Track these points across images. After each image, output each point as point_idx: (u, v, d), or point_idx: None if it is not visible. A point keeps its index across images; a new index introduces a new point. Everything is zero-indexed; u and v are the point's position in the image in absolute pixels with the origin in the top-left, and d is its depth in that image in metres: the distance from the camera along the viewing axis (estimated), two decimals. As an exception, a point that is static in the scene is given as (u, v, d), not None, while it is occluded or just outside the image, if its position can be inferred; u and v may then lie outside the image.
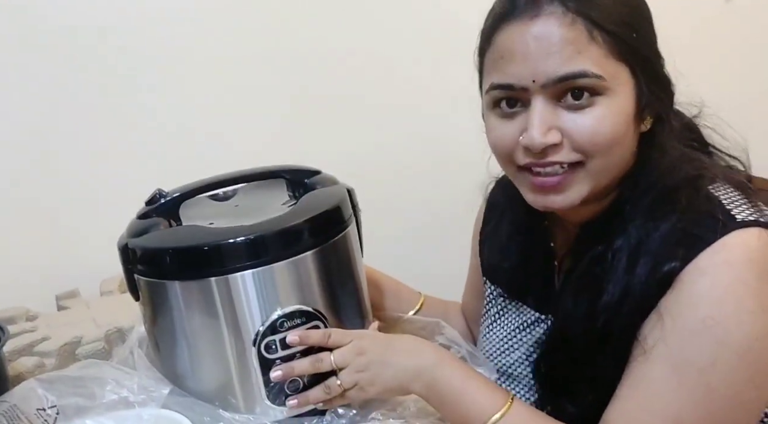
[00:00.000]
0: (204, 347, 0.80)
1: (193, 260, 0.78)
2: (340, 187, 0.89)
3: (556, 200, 0.75)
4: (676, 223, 0.71)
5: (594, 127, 0.71)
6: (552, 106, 0.72)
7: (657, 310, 0.70)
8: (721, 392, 0.68)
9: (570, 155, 0.73)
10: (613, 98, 0.71)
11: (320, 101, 1.38)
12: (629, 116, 0.73)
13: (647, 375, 0.70)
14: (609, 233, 0.76)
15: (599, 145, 0.72)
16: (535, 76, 0.71)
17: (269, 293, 0.78)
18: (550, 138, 0.72)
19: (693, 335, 0.68)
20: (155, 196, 0.87)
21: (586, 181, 0.74)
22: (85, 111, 1.24)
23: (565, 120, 0.72)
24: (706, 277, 0.68)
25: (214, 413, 0.79)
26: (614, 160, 0.74)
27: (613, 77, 0.71)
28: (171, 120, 1.29)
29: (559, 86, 0.71)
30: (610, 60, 0.70)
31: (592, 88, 0.70)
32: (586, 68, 0.69)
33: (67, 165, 1.25)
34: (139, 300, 0.84)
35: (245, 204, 0.91)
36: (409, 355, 0.79)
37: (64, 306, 1.14)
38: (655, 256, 0.71)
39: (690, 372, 0.68)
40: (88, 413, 0.80)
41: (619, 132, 0.72)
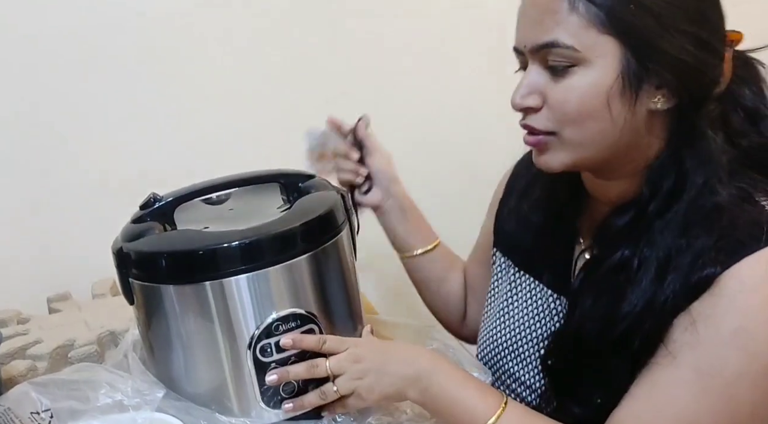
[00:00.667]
0: (199, 350, 0.80)
1: (187, 264, 0.78)
2: (334, 191, 0.90)
3: (542, 159, 0.77)
4: (714, 240, 0.69)
5: (564, 95, 0.72)
6: (542, 71, 0.73)
7: (689, 313, 0.69)
8: (743, 405, 0.68)
9: (544, 123, 0.74)
10: (590, 70, 0.71)
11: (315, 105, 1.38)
12: (608, 89, 0.70)
13: (668, 378, 0.70)
14: (637, 229, 0.74)
15: (567, 116, 0.72)
16: (525, 41, 0.74)
17: (264, 296, 0.78)
18: (527, 101, 0.74)
19: (723, 345, 0.67)
20: (150, 200, 0.87)
21: (563, 149, 0.75)
22: (78, 113, 1.23)
23: (547, 86, 0.73)
24: (746, 287, 0.67)
25: (209, 416, 0.79)
26: (590, 134, 0.73)
27: (591, 48, 0.70)
28: (165, 123, 1.29)
29: (540, 54, 0.72)
30: (590, 31, 0.70)
31: (566, 58, 0.71)
32: (558, 38, 0.70)
33: (60, 167, 1.24)
34: (134, 304, 0.84)
35: (240, 208, 0.91)
36: (405, 363, 0.79)
37: (55, 309, 1.14)
38: (685, 272, 0.69)
39: (715, 381, 0.67)
40: (82, 417, 0.80)
41: (589, 104, 0.71)
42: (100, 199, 1.25)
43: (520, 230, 0.93)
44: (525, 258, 0.92)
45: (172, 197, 0.89)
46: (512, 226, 0.95)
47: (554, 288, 0.87)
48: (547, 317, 0.87)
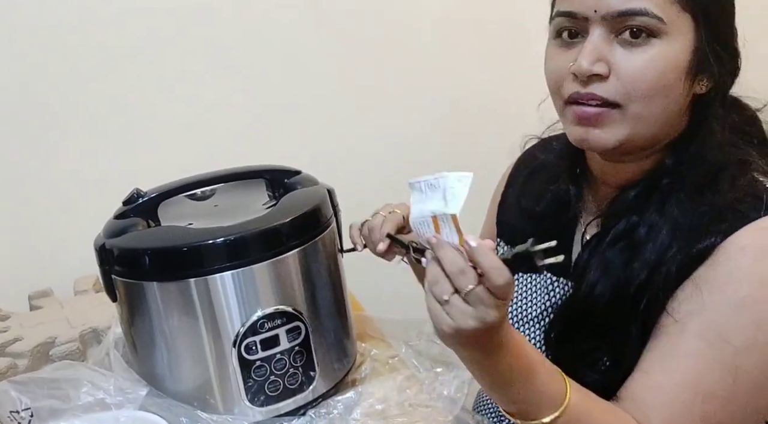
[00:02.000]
0: (183, 348, 0.79)
1: (172, 260, 0.77)
2: (321, 187, 0.89)
3: (594, 134, 0.74)
4: (716, 200, 0.72)
5: (642, 66, 0.71)
6: (608, 39, 0.72)
7: (692, 280, 0.70)
8: (753, 374, 0.68)
9: (610, 91, 0.72)
10: (669, 44, 0.71)
11: (301, 101, 1.38)
12: (681, 68, 0.72)
13: (680, 348, 0.70)
14: (647, 202, 0.76)
15: (642, 87, 0.71)
16: (598, 6, 0.71)
17: (249, 293, 0.78)
18: (596, 67, 0.72)
19: (732, 313, 0.68)
20: (133, 196, 0.86)
21: (623, 125, 0.73)
22: (60, 108, 1.22)
23: (618, 55, 0.71)
24: (747, 255, 0.68)
25: (192, 413, 0.79)
26: (655, 110, 0.73)
27: (674, 23, 0.71)
28: (149, 118, 1.27)
29: (618, 20, 0.71)
30: (674, 6, 0.70)
31: (650, 28, 0.70)
32: (648, 7, 0.70)
33: (41, 162, 1.22)
34: (116, 301, 0.83)
35: (225, 204, 0.91)
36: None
37: (36, 306, 1.12)
38: (694, 232, 0.71)
39: (725, 350, 0.68)
40: (62, 416, 0.79)
41: (665, 79, 0.71)
42: (82, 195, 1.24)
43: (522, 220, 0.92)
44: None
45: (156, 193, 0.88)
46: (514, 216, 0.94)
47: (554, 272, 0.86)
48: (546, 297, 0.87)
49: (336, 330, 0.86)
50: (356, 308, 1.03)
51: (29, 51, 1.18)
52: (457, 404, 0.83)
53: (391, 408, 0.85)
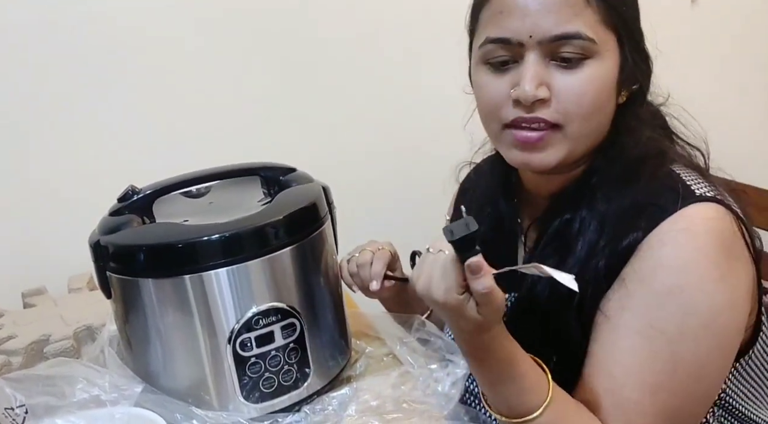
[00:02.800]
0: (178, 345, 0.79)
1: (167, 257, 0.77)
2: (316, 184, 0.89)
3: (536, 158, 0.76)
4: (638, 195, 0.74)
5: (581, 87, 0.74)
6: (544, 63, 0.74)
7: (620, 278, 0.73)
8: (689, 361, 0.70)
9: (553, 115, 0.74)
10: (601, 63, 0.74)
11: (296, 99, 1.38)
12: (612, 84, 0.75)
13: (617, 347, 0.72)
14: (576, 202, 0.79)
15: (583, 108, 0.74)
16: (533, 31, 0.73)
17: (244, 290, 0.78)
18: (540, 92, 0.74)
19: (660, 304, 0.70)
20: (128, 193, 0.86)
21: (563, 144, 0.76)
22: (54, 106, 1.22)
23: (555, 78, 0.74)
24: (668, 246, 0.70)
25: (187, 410, 0.79)
26: (592, 127, 0.76)
27: (603, 43, 0.74)
28: (144, 115, 1.27)
29: (553, 45, 0.73)
30: (601, 26, 0.73)
31: (583, 50, 0.73)
32: (580, 30, 0.72)
33: (34, 159, 1.22)
34: (111, 298, 0.83)
35: (220, 201, 0.91)
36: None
37: (30, 304, 1.12)
38: (619, 227, 0.74)
39: (660, 341, 0.70)
40: (58, 412, 0.79)
41: (602, 97, 0.75)
42: (76, 193, 1.24)
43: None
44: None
45: (151, 190, 0.88)
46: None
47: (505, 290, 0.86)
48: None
49: (331, 327, 0.86)
50: (351, 306, 1.04)
51: (21, 48, 1.18)
52: (451, 400, 0.83)
53: (385, 405, 0.85)
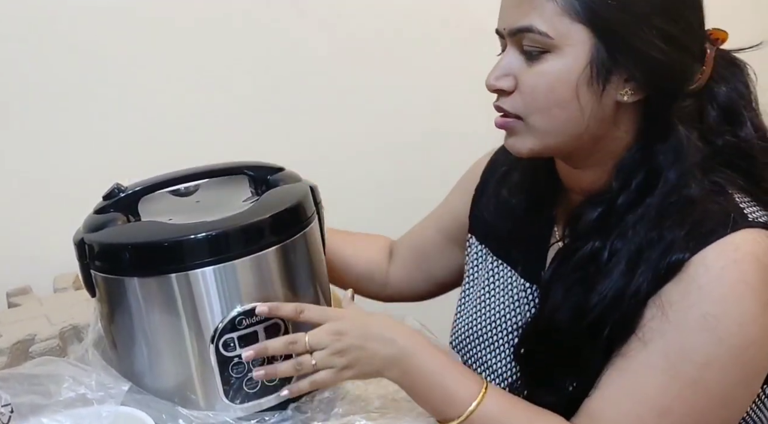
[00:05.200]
0: (163, 344, 0.79)
1: (153, 256, 0.77)
2: (303, 184, 0.89)
3: (509, 141, 0.78)
4: (685, 231, 0.70)
5: (534, 81, 0.73)
6: (518, 55, 0.74)
7: (659, 298, 0.70)
8: (713, 391, 0.69)
9: (512, 105, 0.75)
10: (560, 57, 0.72)
11: (285, 98, 1.38)
12: (576, 78, 0.72)
13: (640, 364, 0.71)
14: (607, 221, 0.75)
15: (535, 102, 0.74)
16: (504, 24, 0.75)
17: (230, 289, 0.78)
18: (500, 83, 0.75)
19: (693, 330, 0.68)
20: (113, 191, 0.86)
21: (528, 135, 0.76)
22: (37, 101, 1.20)
23: (520, 70, 0.74)
24: (712, 273, 0.68)
25: (172, 410, 0.79)
26: (556, 123, 0.74)
27: (564, 37, 0.71)
28: (131, 114, 1.26)
29: (516, 38, 0.74)
30: (564, 19, 0.71)
31: (540, 44, 0.72)
32: (533, 24, 0.71)
33: (19, 157, 1.21)
34: (96, 296, 0.83)
35: (206, 200, 0.90)
36: (385, 342, 0.78)
37: (15, 303, 1.11)
38: (656, 263, 0.70)
39: (685, 367, 0.69)
40: (44, 411, 0.78)
41: (556, 92, 0.73)
42: (61, 192, 1.23)
43: (498, 218, 0.92)
44: (502, 246, 0.92)
45: (137, 188, 0.87)
46: (490, 213, 0.94)
47: (528, 278, 0.87)
48: (522, 306, 0.87)
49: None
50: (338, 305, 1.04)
51: (5, 44, 1.17)
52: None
53: (372, 402, 0.85)
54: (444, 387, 0.76)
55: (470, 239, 0.97)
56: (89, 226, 0.82)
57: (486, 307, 0.91)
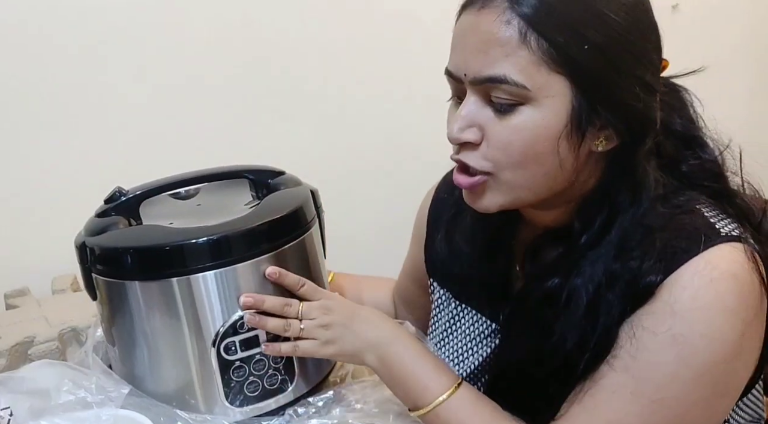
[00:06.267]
0: (164, 347, 0.79)
1: (155, 260, 0.78)
2: (304, 188, 0.89)
3: (476, 203, 0.73)
4: (651, 258, 0.68)
5: (508, 137, 0.68)
6: (482, 104, 0.69)
7: (631, 323, 0.68)
8: (673, 409, 0.68)
9: (480, 161, 0.70)
10: (537, 110, 0.66)
11: (286, 102, 1.38)
12: (556, 131, 0.67)
13: (605, 382, 0.69)
14: (567, 260, 0.73)
15: (509, 157, 0.68)
16: (467, 70, 0.68)
17: (231, 293, 0.78)
18: (465, 135, 0.69)
19: (659, 349, 0.67)
20: (115, 194, 0.86)
21: (498, 191, 0.71)
22: (39, 106, 1.20)
23: (488, 122, 0.68)
24: (687, 293, 0.66)
25: (172, 413, 0.79)
26: (530, 177, 0.69)
27: (542, 88, 0.66)
28: (131, 116, 1.26)
29: (483, 87, 0.68)
30: (541, 68, 0.65)
31: (513, 95, 0.66)
32: (507, 74, 0.65)
33: (17, 160, 1.21)
34: (97, 300, 0.83)
35: (207, 204, 0.91)
36: (370, 326, 0.80)
37: (13, 305, 1.11)
38: (623, 292, 0.68)
39: (646, 385, 0.67)
40: (43, 415, 0.78)
41: (536, 147, 0.67)
42: (59, 194, 1.23)
43: (453, 260, 0.89)
44: (463, 290, 0.90)
45: (138, 191, 0.87)
46: (445, 256, 0.91)
47: (494, 319, 0.86)
48: (487, 348, 0.86)
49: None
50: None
51: (6, 46, 1.17)
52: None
53: (370, 407, 0.85)
54: (418, 377, 0.78)
55: (432, 284, 0.95)
56: (91, 229, 0.82)
57: (449, 348, 0.91)
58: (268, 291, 0.80)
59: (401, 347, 0.79)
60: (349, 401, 0.86)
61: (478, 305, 0.88)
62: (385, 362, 0.79)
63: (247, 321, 0.78)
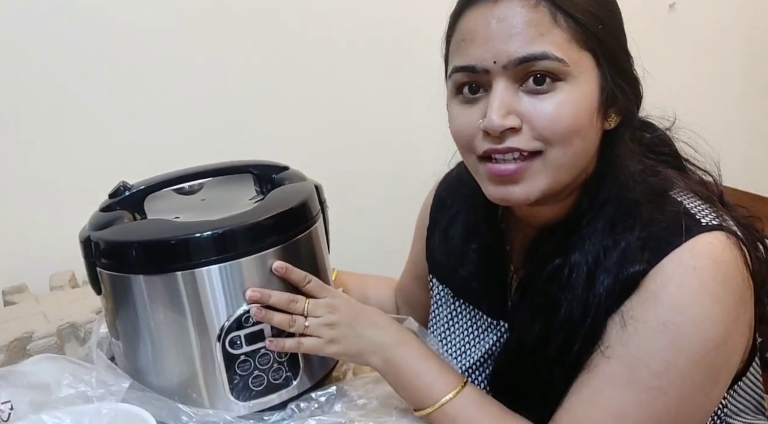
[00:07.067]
0: (168, 341, 0.79)
1: (159, 254, 0.77)
2: (308, 183, 0.90)
3: (514, 192, 0.73)
4: (637, 235, 0.71)
5: (555, 112, 0.70)
6: (514, 89, 0.70)
7: (620, 314, 0.70)
8: (670, 396, 0.69)
9: (529, 143, 0.71)
10: (576, 85, 0.70)
11: (291, 97, 1.38)
12: (592, 106, 0.71)
13: (600, 372, 0.71)
14: (566, 243, 0.76)
15: (559, 133, 0.70)
16: (497, 56, 0.69)
17: (236, 288, 0.78)
18: (509, 121, 0.70)
19: (652, 338, 0.69)
20: (119, 189, 0.86)
21: (544, 173, 0.72)
22: (38, 99, 1.20)
23: (526, 105, 0.70)
24: (672, 282, 0.68)
25: (174, 407, 0.78)
26: (574, 152, 0.72)
27: (576, 63, 0.70)
28: (135, 112, 1.26)
29: (520, 68, 0.69)
30: (573, 46, 0.69)
31: (553, 72, 0.69)
32: (547, 50, 0.68)
33: (16, 157, 1.21)
34: (101, 294, 0.82)
35: (212, 198, 0.91)
36: (375, 328, 0.81)
37: (11, 301, 1.10)
38: (615, 271, 0.71)
39: (642, 373, 0.69)
40: (43, 408, 0.78)
41: (580, 120, 0.70)
42: (59, 190, 1.22)
43: (453, 260, 0.91)
44: (462, 287, 0.91)
45: (143, 186, 0.87)
46: (444, 255, 0.93)
47: (492, 315, 0.87)
48: (487, 342, 0.88)
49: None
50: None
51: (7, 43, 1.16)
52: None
53: (372, 403, 0.85)
54: (423, 378, 0.79)
55: (432, 280, 0.97)
56: (95, 223, 0.82)
57: (449, 344, 0.92)
58: (273, 286, 0.80)
59: (406, 348, 0.80)
60: (351, 396, 0.86)
61: (477, 302, 0.90)
62: (391, 364, 0.80)
63: (253, 314, 0.78)
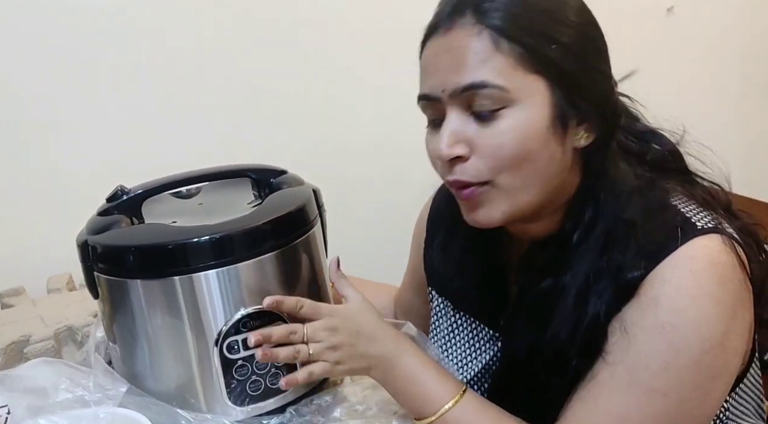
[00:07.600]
0: (165, 346, 0.79)
1: (157, 258, 0.77)
2: (306, 187, 0.89)
3: (478, 215, 0.74)
4: (632, 254, 0.71)
5: (497, 140, 0.70)
6: (465, 117, 0.71)
7: (620, 320, 0.71)
8: (671, 397, 0.70)
9: (473, 171, 0.72)
10: (521, 110, 0.70)
11: (288, 100, 1.38)
12: (542, 130, 0.70)
13: (600, 378, 0.72)
14: (560, 258, 0.76)
15: (503, 159, 0.70)
16: (444, 85, 0.71)
17: (233, 292, 0.78)
18: (456, 150, 0.71)
19: (651, 340, 0.69)
20: (117, 193, 0.85)
21: (500, 198, 0.73)
22: (36, 102, 1.20)
23: (473, 133, 0.71)
24: (670, 285, 0.69)
25: (172, 412, 0.78)
26: (526, 175, 0.72)
27: (521, 88, 0.69)
28: (132, 116, 1.26)
29: (464, 96, 0.70)
30: (518, 71, 0.69)
31: (495, 98, 0.69)
32: (486, 79, 0.69)
33: (14, 160, 1.21)
34: (99, 298, 0.82)
35: (209, 203, 0.90)
36: (374, 342, 0.80)
37: (8, 304, 1.10)
38: (612, 285, 0.71)
39: (642, 375, 0.70)
40: (40, 413, 0.78)
41: (527, 145, 0.70)
42: (55, 193, 1.22)
43: (451, 272, 0.91)
44: (461, 298, 0.92)
45: (141, 190, 0.87)
46: (443, 267, 0.93)
47: (493, 327, 0.88)
48: (487, 354, 0.88)
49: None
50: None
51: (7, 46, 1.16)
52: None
53: (370, 409, 0.85)
54: (423, 386, 0.79)
55: (431, 292, 0.97)
56: (93, 228, 0.81)
57: (450, 356, 0.93)
58: (272, 291, 0.80)
59: (406, 358, 0.80)
60: (351, 402, 0.86)
61: (477, 314, 0.90)
62: (391, 375, 0.80)
63: (259, 359, 0.77)
